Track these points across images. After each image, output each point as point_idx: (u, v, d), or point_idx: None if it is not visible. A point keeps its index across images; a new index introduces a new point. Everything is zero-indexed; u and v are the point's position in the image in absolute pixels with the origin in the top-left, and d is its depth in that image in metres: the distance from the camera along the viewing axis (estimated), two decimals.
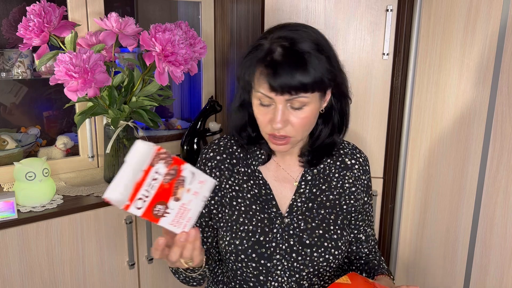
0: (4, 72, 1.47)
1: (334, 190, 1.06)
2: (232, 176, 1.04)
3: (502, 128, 1.25)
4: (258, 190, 1.03)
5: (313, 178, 1.06)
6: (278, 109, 0.90)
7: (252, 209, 1.02)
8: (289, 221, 1.01)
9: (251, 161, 1.06)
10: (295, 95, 0.88)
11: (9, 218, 1.15)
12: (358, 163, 1.09)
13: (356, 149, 1.11)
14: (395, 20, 1.38)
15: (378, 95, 1.44)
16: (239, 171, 1.05)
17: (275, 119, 0.90)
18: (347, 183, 1.07)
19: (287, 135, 0.93)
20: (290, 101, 0.90)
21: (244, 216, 1.01)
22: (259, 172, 1.05)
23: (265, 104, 0.92)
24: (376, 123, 1.47)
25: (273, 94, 0.88)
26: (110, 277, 1.32)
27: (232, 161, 1.05)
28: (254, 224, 1.00)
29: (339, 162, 1.08)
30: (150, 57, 1.20)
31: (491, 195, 1.30)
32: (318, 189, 1.05)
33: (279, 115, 0.90)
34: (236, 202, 1.03)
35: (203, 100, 1.77)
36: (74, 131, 1.63)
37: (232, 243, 1.00)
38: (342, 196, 1.06)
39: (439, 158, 1.42)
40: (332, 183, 1.06)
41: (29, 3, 1.20)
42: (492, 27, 1.24)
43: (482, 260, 1.35)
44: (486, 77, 1.27)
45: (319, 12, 1.41)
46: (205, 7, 1.71)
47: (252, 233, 0.99)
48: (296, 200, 1.04)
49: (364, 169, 1.09)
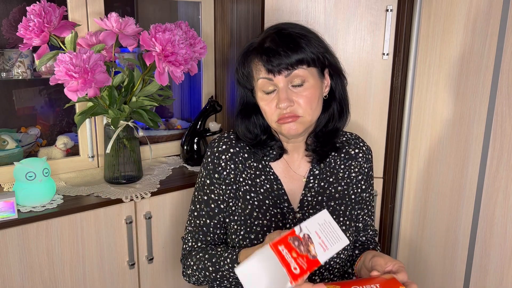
0: (4, 72, 1.47)
1: (342, 181, 1.08)
2: (245, 170, 1.06)
3: (502, 128, 1.25)
4: (270, 185, 1.05)
5: (321, 172, 1.08)
6: (281, 89, 0.95)
7: (266, 204, 1.03)
8: (301, 216, 1.03)
9: (261, 156, 1.07)
10: (292, 69, 0.93)
11: (9, 218, 1.15)
12: (361, 152, 1.11)
13: (359, 138, 1.14)
14: (395, 20, 1.38)
15: (378, 95, 1.45)
16: (251, 166, 1.06)
17: (280, 99, 0.94)
18: (353, 173, 1.09)
19: (295, 114, 0.96)
20: (290, 78, 0.94)
21: (258, 210, 1.02)
22: (270, 168, 1.06)
23: (268, 91, 0.96)
24: (376, 123, 1.47)
25: (272, 75, 0.94)
26: (110, 277, 1.32)
27: (244, 155, 1.07)
28: (268, 219, 1.02)
29: (343, 154, 1.10)
30: (150, 57, 1.20)
31: (491, 195, 1.30)
32: (326, 182, 1.07)
33: (283, 94, 0.94)
34: (249, 196, 1.04)
35: (203, 100, 1.77)
36: (74, 131, 1.63)
37: (247, 237, 1.00)
38: (350, 186, 1.08)
39: (439, 158, 1.42)
40: (339, 174, 1.08)
41: (29, 3, 1.20)
42: (492, 27, 1.24)
43: (482, 260, 1.35)
44: (486, 77, 1.27)
45: (319, 12, 1.41)
46: (205, 7, 1.71)
47: (267, 227, 1.01)
48: (306, 195, 1.05)
49: (367, 158, 1.11)
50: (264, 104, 0.98)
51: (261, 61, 0.95)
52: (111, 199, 1.29)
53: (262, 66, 0.95)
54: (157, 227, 1.37)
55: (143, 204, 1.34)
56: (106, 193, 1.32)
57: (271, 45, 0.94)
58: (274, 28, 0.98)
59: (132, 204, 1.32)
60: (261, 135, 1.05)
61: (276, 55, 0.92)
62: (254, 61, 0.97)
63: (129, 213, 1.31)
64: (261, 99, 0.98)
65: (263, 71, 0.95)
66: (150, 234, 1.36)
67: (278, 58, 0.92)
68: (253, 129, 1.05)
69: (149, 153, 1.53)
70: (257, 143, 1.06)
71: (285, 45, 0.93)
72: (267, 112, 0.98)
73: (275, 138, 1.07)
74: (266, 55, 0.93)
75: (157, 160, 1.65)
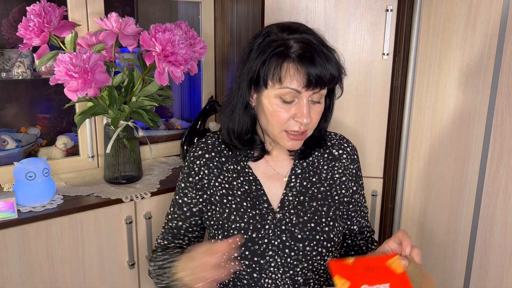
0: (4, 72, 1.47)
1: (325, 182, 1.06)
2: (221, 174, 1.04)
3: (502, 128, 1.25)
4: (249, 187, 1.03)
5: (303, 171, 1.06)
6: (304, 104, 0.92)
7: (244, 206, 1.02)
8: (281, 216, 1.01)
9: (240, 158, 1.05)
10: (322, 88, 0.92)
11: (9, 218, 1.15)
12: (345, 153, 1.09)
13: (344, 139, 1.11)
14: (395, 20, 1.38)
15: (378, 95, 1.45)
16: (228, 169, 1.05)
17: (302, 114, 0.92)
18: (337, 174, 1.07)
19: (307, 130, 0.96)
20: (314, 95, 0.92)
21: (236, 213, 1.01)
22: (249, 168, 1.05)
23: (288, 101, 0.92)
24: (376, 123, 1.47)
25: (304, 89, 0.90)
26: (110, 277, 1.32)
27: (221, 159, 1.06)
28: (246, 221, 1.00)
29: (327, 154, 1.08)
30: (150, 57, 1.20)
31: (491, 195, 1.30)
32: (308, 182, 1.05)
33: (306, 109, 0.92)
34: (226, 199, 1.03)
35: (203, 100, 1.77)
36: (74, 131, 1.63)
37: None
38: (333, 187, 1.06)
39: (439, 158, 1.42)
40: (322, 175, 1.06)
41: (29, 3, 1.20)
42: (492, 27, 1.24)
43: (482, 260, 1.35)
44: (486, 77, 1.27)
45: (319, 12, 1.41)
46: (205, 7, 1.71)
47: (244, 230, 0.99)
48: (287, 195, 1.03)
49: (352, 158, 1.09)
50: (279, 111, 0.93)
51: (300, 73, 0.89)
52: (111, 199, 1.29)
53: (300, 76, 0.90)
54: (157, 227, 1.37)
55: (143, 204, 1.34)
56: (106, 193, 1.32)
57: (317, 60, 0.89)
58: (308, 34, 0.93)
59: (132, 204, 1.32)
60: (244, 135, 1.02)
61: (318, 67, 0.89)
62: (289, 67, 0.90)
63: (129, 213, 1.31)
64: (276, 105, 0.93)
65: (298, 83, 0.90)
66: (150, 234, 1.36)
67: (318, 70, 0.89)
68: (238, 128, 1.01)
69: (149, 153, 1.53)
70: (242, 143, 1.02)
71: (325, 58, 0.90)
72: (279, 120, 0.94)
73: (257, 140, 1.03)
74: (308, 62, 0.89)
75: (157, 160, 1.65)
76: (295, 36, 0.92)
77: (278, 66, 0.90)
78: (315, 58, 0.89)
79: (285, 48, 0.91)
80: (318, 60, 0.89)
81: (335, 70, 0.91)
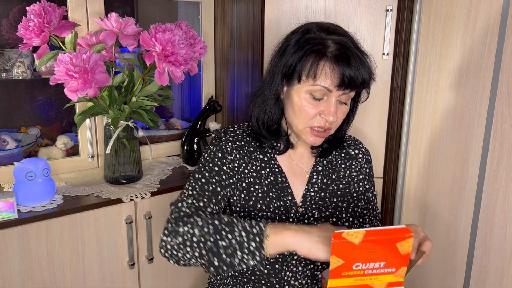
0: (4, 72, 1.47)
1: (343, 180, 1.10)
2: (250, 162, 1.06)
3: (502, 128, 1.25)
4: (274, 178, 1.05)
5: (324, 168, 1.10)
6: (332, 103, 0.96)
7: (270, 196, 1.04)
8: (304, 210, 1.04)
9: (266, 150, 1.08)
10: (352, 90, 0.95)
11: (9, 218, 1.15)
12: (361, 153, 1.14)
13: (357, 140, 1.17)
14: (395, 20, 1.38)
15: (378, 95, 1.44)
16: (257, 158, 1.07)
17: (329, 112, 0.96)
18: (354, 172, 1.12)
19: (331, 128, 0.99)
20: (343, 95, 0.96)
21: (262, 202, 1.03)
22: (275, 160, 1.07)
23: (318, 97, 0.96)
24: (376, 123, 1.47)
25: (336, 88, 0.94)
26: (110, 277, 1.32)
27: (250, 149, 1.07)
28: (271, 211, 1.02)
29: (344, 154, 1.13)
30: (150, 57, 1.20)
31: (491, 195, 1.30)
32: (328, 179, 1.09)
33: (334, 108, 0.96)
34: (253, 188, 1.04)
35: (203, 100, 1.77)
36: (74, 131, 1.63)
37: None
38: (351, 184, 1.11)
39: (439, 158, 1.42)
40: (340, 173, 1.10)
41: (29, 3, 1.20)
42: (492, 27, 1.24)
43: (482, 260, 1.35)
44: (486, 77, 1.27)
45: (319, 12, 1.41)
46: (205, 7, 1.71)
47: (271, 219, 1.02)
48: (309, 190, 1.06)
49: (366, 158, 1.15)
50: (307, 107, 0.96)
51: (335, 73, 0.93)
52: (111, 199, 1.29)
53: (334, 78, 0.93)
54: (157, 227, 1.37)
55: (143, 204, 1.34)
56: (106, 193, 1.32)
57: (352, 63, 0.92)
58: (345, 36, 0.96)
59: (132, 204, 1.32)
60: (272, 126, 1.05)
61: (353, 69, 0.92)
62: (325, 66, 0.93)
63: (129, 213, 1.31)
64: (306, 100, 0.96)
65: (331, 82, 0.93)
66: (150, 234, 1.36)
67: (353, 72, 0.92)
68: (268, 119, 1.04)
69: (149, 153, 1.53)
70: (269, 133, 1.05)
71: (359, 61, 0.94)
72: (306, 115, 0.97)
73: (282, 131, 1.07)
74: (342, 69, 0.92)
75: (157, 160, 1.65)
76: (333, 37, 0.95)
77: (315, 63, 0.93)
78: (350, 60, 0.93)
79: (323, 47, 0.94)
80: (353, 63, 0.93)
81: (367, 74, 0.95)
